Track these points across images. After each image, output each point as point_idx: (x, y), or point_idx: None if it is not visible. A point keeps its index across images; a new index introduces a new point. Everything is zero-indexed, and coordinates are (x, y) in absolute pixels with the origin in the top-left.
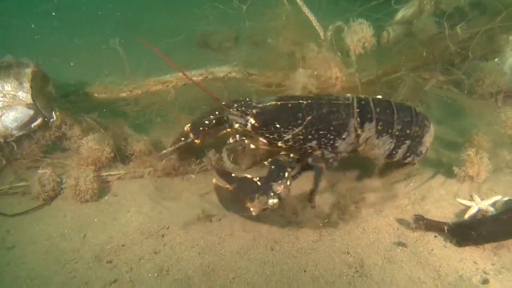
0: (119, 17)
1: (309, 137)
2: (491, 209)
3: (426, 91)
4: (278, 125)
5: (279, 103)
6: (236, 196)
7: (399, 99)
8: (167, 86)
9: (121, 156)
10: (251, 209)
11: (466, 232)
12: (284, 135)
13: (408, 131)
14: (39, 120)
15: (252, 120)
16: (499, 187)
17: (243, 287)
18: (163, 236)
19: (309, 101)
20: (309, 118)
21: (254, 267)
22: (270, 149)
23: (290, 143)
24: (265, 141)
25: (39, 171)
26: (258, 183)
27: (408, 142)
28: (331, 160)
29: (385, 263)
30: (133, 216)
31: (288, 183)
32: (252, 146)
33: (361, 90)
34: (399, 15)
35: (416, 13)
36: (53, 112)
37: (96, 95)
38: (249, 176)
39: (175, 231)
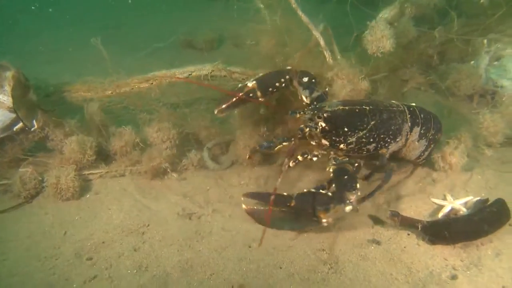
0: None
1: (371, 140)
2: (463, 208)
3: (404, 92)
4: (346, 129)
5: (347, 107)
6: (299, 212)
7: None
8: (152, 83)
9: (103, 155)
10: (324, 220)
11: (439, 231)
12: (349, 138)
13: (436, 136)
14: (20, 124)
15: (322, 123)
16: (472, 187)
17: (220, 284)
18: (143, 233)
19: (371, 107)
20: (373, 122)
21: (231, 264)
22: (322, 151)
23: (351, 146)
24: (327, 143)
25: (20, 169)
26: (329, 194)
27: (433, 145)
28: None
29: (359, 260)
30: (114, 214)
31: (359, 193)
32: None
33: None
34: (378, 18)
35: (397, 16)
36: (34, 121)
37: (80, 93)
38: (306, 190)
39: (155, 228)
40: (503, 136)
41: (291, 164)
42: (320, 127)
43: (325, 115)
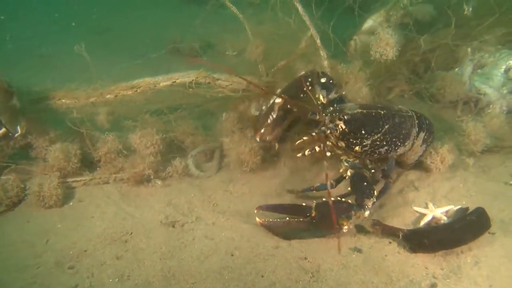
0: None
1: (384, 143)
2: (444, 217)
3: (389, 99)
4: (363, 131)
5: (364, 111)
6: (320, 221)
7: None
8: (136, 91)
9: (88, 162)
10: (346, 227)
11: (419, 239)
12: (365, 140)
13: (432, 140)
14: (3, 130)
15: (343, 125)
16: (454, 195)
17: None
18: (126, 241)
19: (385, 111)
20: (387, 126)
21: (213, 272)
22: (337, 152)
23: (365, 148)
24: (344, 145)
25: (2, 177)
26: (349, 201)
27: (427, 149)
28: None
29: (341, 268)
30: (97, 222)
31: (375, 199)
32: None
33: None
34: (366, 25)
35: (383, 24)
36: (18, 127)
37: (63, 100)
38: (325, 199)
39: (138, 236)
40: (483, 146)
41: (306, 153)
42: (340, 129)
43: (345, 117)
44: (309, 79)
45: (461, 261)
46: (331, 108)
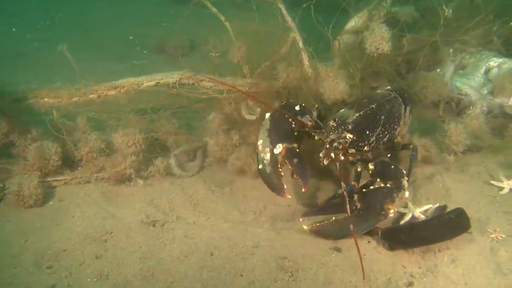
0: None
1: (386, 133)
2: (422, 216)
3: None
4: (368, 132)
5: (361, 112)
6: (366, 211)
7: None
8: (120, 91)
9: (69, 161)
10: (391, 210)
11: (397, 235)
12: (371, 138)
13: (412, 106)
14: None
15: (350, 135)
16: (433, 195)
17: None
18: (105, 241)
19: (376, 104)
20: (383, 117)
21: (192, 271)
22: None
23: (373, 144)
24: (354, 150)
25: None
26: (388, 185)
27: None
28: None
29: (319, 268)
30: (77, 221)
31: (407, 178)
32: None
33: None
34: (349, 25)
35: (365, 24)
36: None
37: (46, 100)
38: (365, 189)
39: (118, 236)
40: (464, 146)
41: (325, 162)
42: (349, 140)
43: (349, 126)
44: (286, 114)
45: (438, 260)
46: (333, 124)
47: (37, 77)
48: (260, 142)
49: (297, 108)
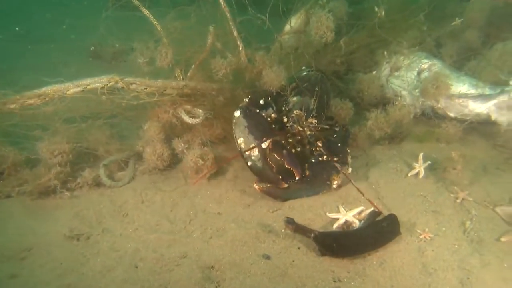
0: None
1: (326, 109)
2: (356, 221)
3: None
4: (322, 113)
5: (315, 98)
6: (314, 179)
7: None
8: (44, 99)
9: None
10: (335, 182)
11: (329, 243)
12: (323, 118)
13: None
14: None
15: (315, 120)
16: (366, 196)
17: None
18: (22, 259)
19: (317, 87)
20: (325, 96)
21: (114, 286)
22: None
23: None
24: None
25: None
26: (335, 159)
27: None
28: None
29: (247, 277)
30: None
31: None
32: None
33: None
34: (287, 27)
35: (302, 24)
36: None
37: None
38: (313, 160)
39: (39, 252)
40: (383, 133)
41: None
42: (315, 124)
43: (315, 113)
44: (255, 110)
45: (367, 263)
46: (300, 113)
47: None
48: (241, 140)
49: (261, 102)
